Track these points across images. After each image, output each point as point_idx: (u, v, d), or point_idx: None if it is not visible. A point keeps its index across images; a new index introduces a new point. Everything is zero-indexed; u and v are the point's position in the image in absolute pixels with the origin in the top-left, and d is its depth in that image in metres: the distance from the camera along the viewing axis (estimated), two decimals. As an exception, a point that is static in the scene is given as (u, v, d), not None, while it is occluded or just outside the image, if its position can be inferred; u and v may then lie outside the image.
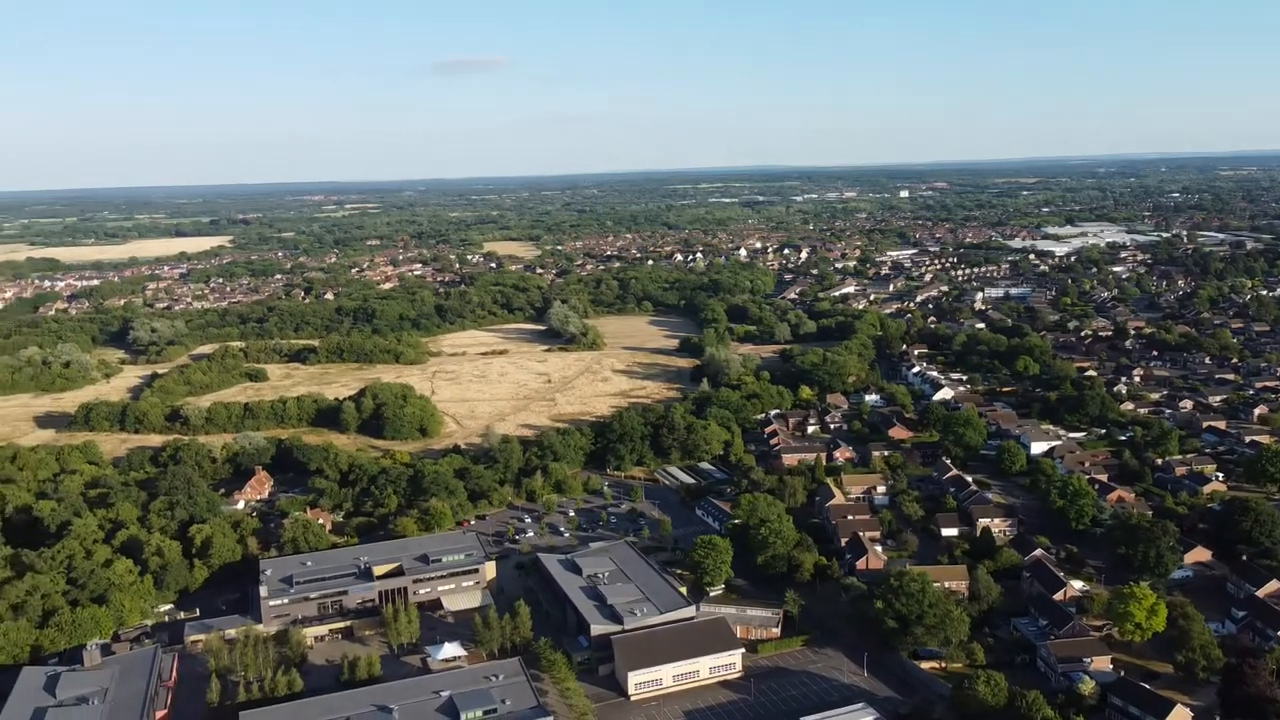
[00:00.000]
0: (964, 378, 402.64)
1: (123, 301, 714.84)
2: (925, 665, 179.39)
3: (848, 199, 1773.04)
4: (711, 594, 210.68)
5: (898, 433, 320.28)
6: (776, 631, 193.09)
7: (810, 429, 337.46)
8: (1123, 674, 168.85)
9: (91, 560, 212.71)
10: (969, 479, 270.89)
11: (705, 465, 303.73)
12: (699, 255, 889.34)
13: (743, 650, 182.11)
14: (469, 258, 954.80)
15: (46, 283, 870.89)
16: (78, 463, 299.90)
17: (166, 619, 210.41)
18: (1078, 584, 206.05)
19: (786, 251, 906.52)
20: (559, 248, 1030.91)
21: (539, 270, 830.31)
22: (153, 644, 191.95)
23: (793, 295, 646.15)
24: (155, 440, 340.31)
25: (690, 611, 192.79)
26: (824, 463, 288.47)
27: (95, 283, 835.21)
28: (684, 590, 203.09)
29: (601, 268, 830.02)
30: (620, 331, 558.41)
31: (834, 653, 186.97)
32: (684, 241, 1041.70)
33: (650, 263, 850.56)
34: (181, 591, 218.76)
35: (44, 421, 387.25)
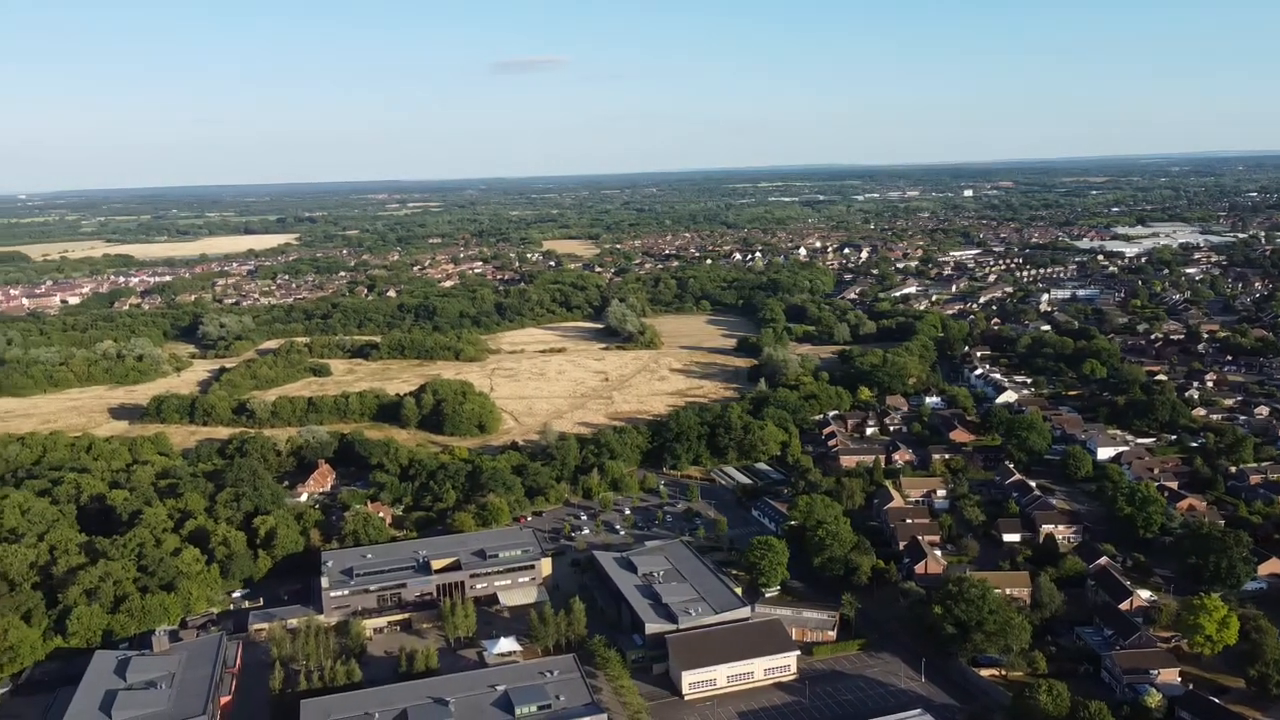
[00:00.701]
0: (1028, 381, 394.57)
1: (193, 297, 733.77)
2: (985, 673, 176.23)
3: (910, 198, 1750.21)
4: (767, 595, 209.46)
5: (959, 436, 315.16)
6: (832, 634, 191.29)
7: (869, 431, 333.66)
8: (1191, 687, 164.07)
9: (161, 548, 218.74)
10: (1032, 484, 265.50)
11: (762, 466, 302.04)
12: (758, 254, 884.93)
13: (798, 652, 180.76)
14: (528, 256, 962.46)
15: (121, 278, 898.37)
16: (149, 453, 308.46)
17: (231, 607, 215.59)
18: (1145, 594, 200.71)
19: (847, 251, 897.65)
20: (618, 246, 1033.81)
21: (597, 269, 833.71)
22: (218, 631, 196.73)
23: (852, 295, 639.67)
24: (223, 433, 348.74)
25: (745, 612, 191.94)
26: (883, 465, 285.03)
27: (167, 279, 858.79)
28: (739, 591, 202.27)
29: (660, 266, 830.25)
30: (678, 330, 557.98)
31: (891, 657, 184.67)
32: (743, 240, 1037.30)
33: (709, 262, 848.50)
34: (246, 581, 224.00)
35: (118, 413, 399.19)
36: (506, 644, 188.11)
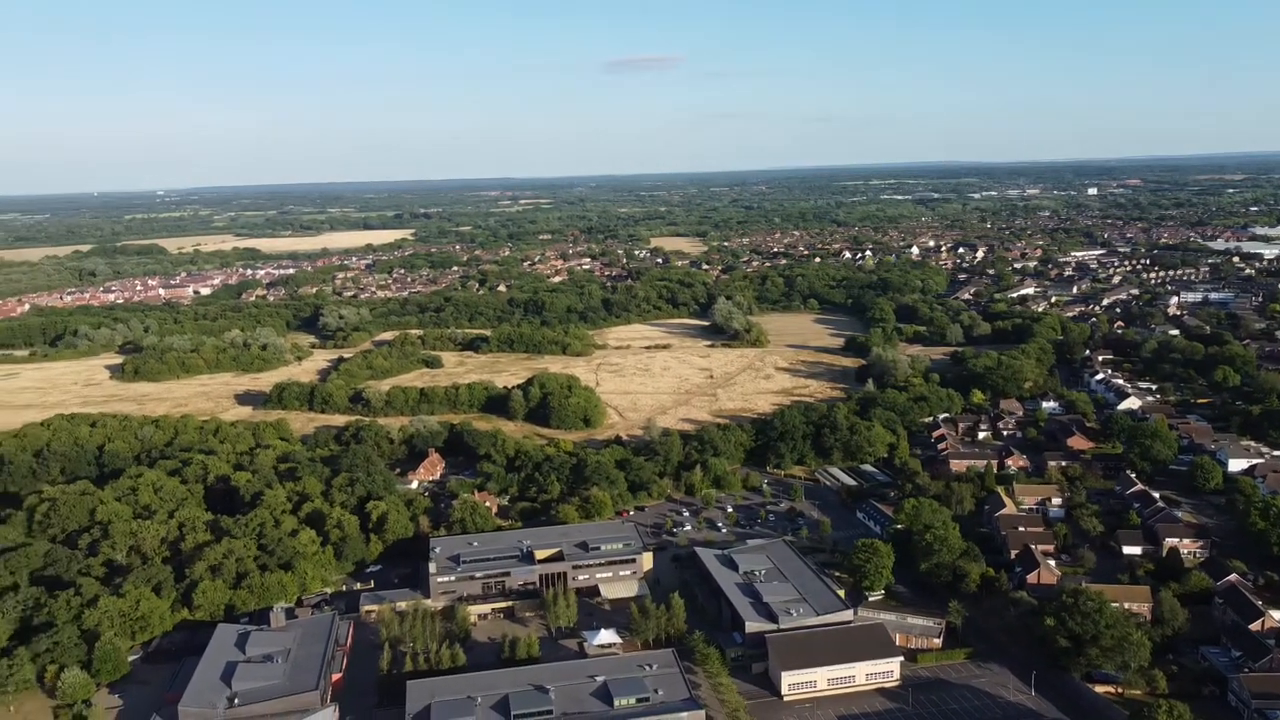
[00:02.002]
0: (1153, 387, 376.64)
1: (314, 290, 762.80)
2: (1099, 689, 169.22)
3: (1030, 196, 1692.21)
4: (870, 599, 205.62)
5: (1077, 443, 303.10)
6: (938, 642, 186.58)
7: (981, 435, 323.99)
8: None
9: (280, 529, 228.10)
10: (1156, 495, 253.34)
11: (868, 467, 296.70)
12: (868, 253, 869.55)
13: (901, 659, 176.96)
14: (636, 253, 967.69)
15: (249, 271, 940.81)
16: (270, 438, 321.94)
17: (344, 588, 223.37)
18: (1278, 614, 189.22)
19: (961, 250, 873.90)
20: (725, 244, 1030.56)
21: (705, 266, 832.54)
22: (331, 611, 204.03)
23: (966, 296, 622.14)
24: (339, 420, 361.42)
25: (848, 615, 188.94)
26: (995, 470, 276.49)
27: (291, 272, 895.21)
28: (842, 593, 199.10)
29: (767, 264, 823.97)
30: (784, 329, 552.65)
31: (999, 668, 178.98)
32: (853, 239, 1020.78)
33: (817, 260, 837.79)
34: (358, 563, 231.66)
35: (243, 399, 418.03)
36: (607, 636, 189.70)
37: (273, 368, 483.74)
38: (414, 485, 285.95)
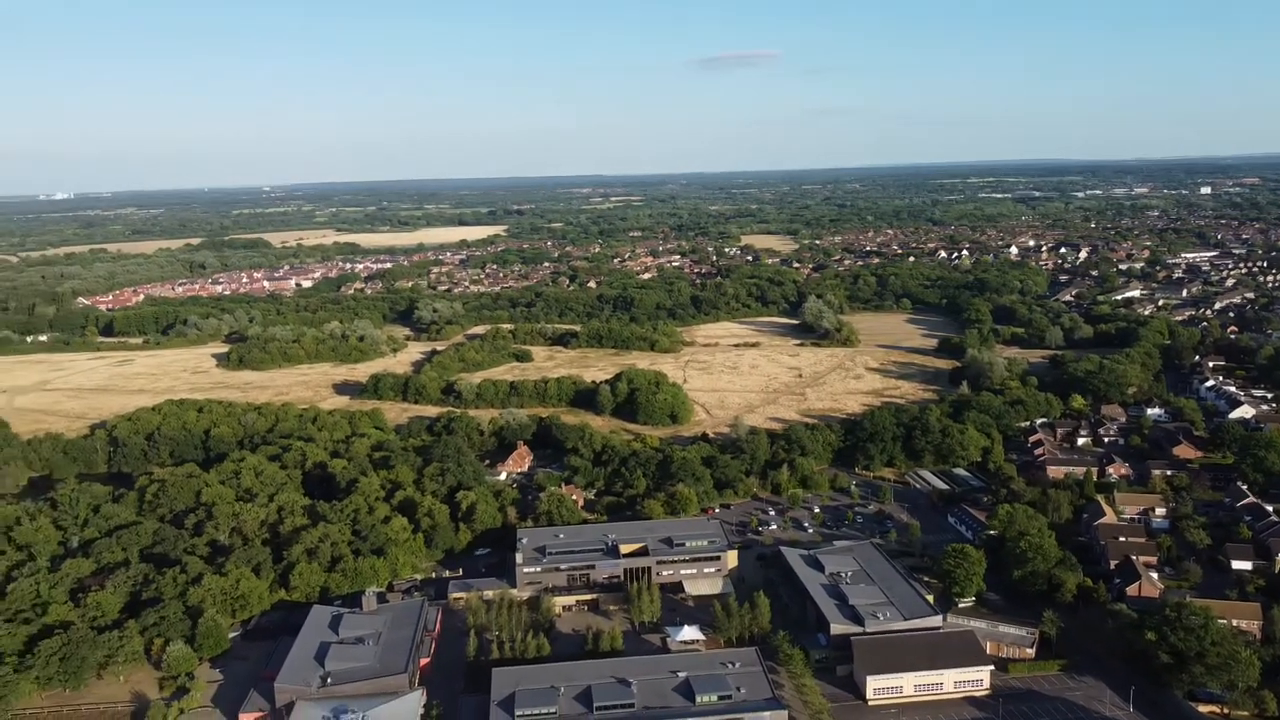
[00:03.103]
0: (1269, 395, 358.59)
1: (410, 283, 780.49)
2: (1204, 709, 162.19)
3: (1137, 195, 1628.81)
4: (960, 605, 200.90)
5: (1184, 451, 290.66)
6: (1031, 652, 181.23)
7: (1081, 441, 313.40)
8: None
9: (373, 516, 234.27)
10: (1269, 509, 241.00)
11: (960, 471, 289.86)
12: (965, 252, 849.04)
13: (992, 668, 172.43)
14: (726, 250, 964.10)
15: (348, 265, 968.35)
16: (366, 427, 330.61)
17: (433, 575, 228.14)
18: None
19: (1063, 251, 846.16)
20: (817, 242, 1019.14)
21: (795, 264, 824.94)
22: (421, 597, 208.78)
23: (1068, 297, 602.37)
24: (431, 411, 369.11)
25: (936, 621, 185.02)
26: (1094, 478, 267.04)
27: (388, 266, 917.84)
28: (930, 598, 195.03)
29: (860, 263, 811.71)
30: (876, 329, 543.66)
31: (1095, 682, 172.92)
32: (949, 238, 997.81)
33: (911, 259, 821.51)
34: (447, 551, 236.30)
35: (340, 388, 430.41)
36: (690, 632, 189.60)
37: (369, 359, 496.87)
38: (502, 476, 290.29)
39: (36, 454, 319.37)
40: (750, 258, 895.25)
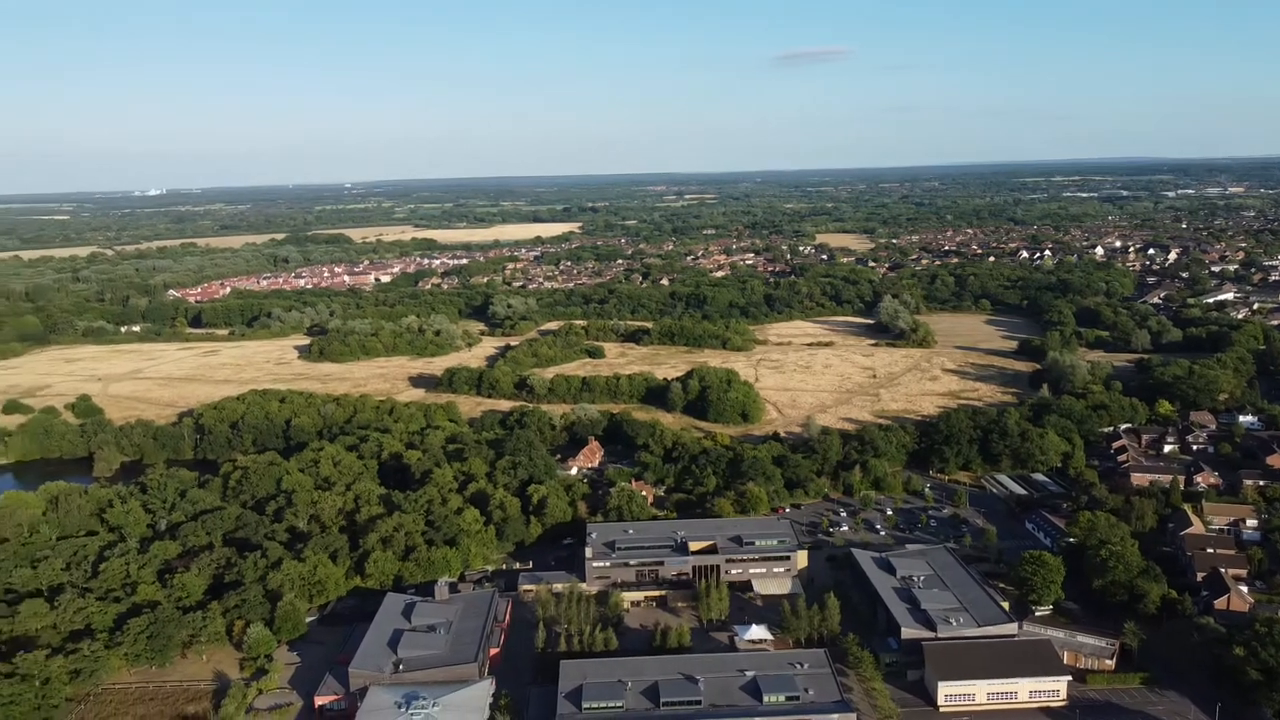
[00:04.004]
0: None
1: (485, 279, 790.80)
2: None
3: (1232, 194, 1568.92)
4: (1037, 614, 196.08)
5: (1278, 461, 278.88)
6: (1110, 664, 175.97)
7: (1167, 448, 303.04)
8: None
9: (446, 507, 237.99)
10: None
11: (1039, 476, 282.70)
12: (1047, 253, 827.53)
13: (1069, 678, 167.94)
14: (800, 249, 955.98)
15: (425, 260, 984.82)
16: (440, 420, 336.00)
17: (504, 567, 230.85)
18: None
19: (1151, 251, 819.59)
20: (893, 241, 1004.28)
21: (871, 263, 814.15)
22: (491, 588, 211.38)
23: (1155, 300, 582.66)
24: (504, 405, 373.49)
25: (1011, 628, 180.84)
26: (1181, 486, 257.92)
27: (464, 262, 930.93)
28: (1005, 605, 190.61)
29: (937, 263, 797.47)
30: (953, 330, 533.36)
31: (1178, 697, 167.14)
32: (1031, 238, 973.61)
33: (991, 259, 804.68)
34: (518, 544, 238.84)
35: (416, 381, 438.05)
36: (758, 631, 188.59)
37: (444, 353, 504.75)
38: (573, 471, 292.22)
39: (129, 440, 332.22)
40: (825, 256, 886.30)
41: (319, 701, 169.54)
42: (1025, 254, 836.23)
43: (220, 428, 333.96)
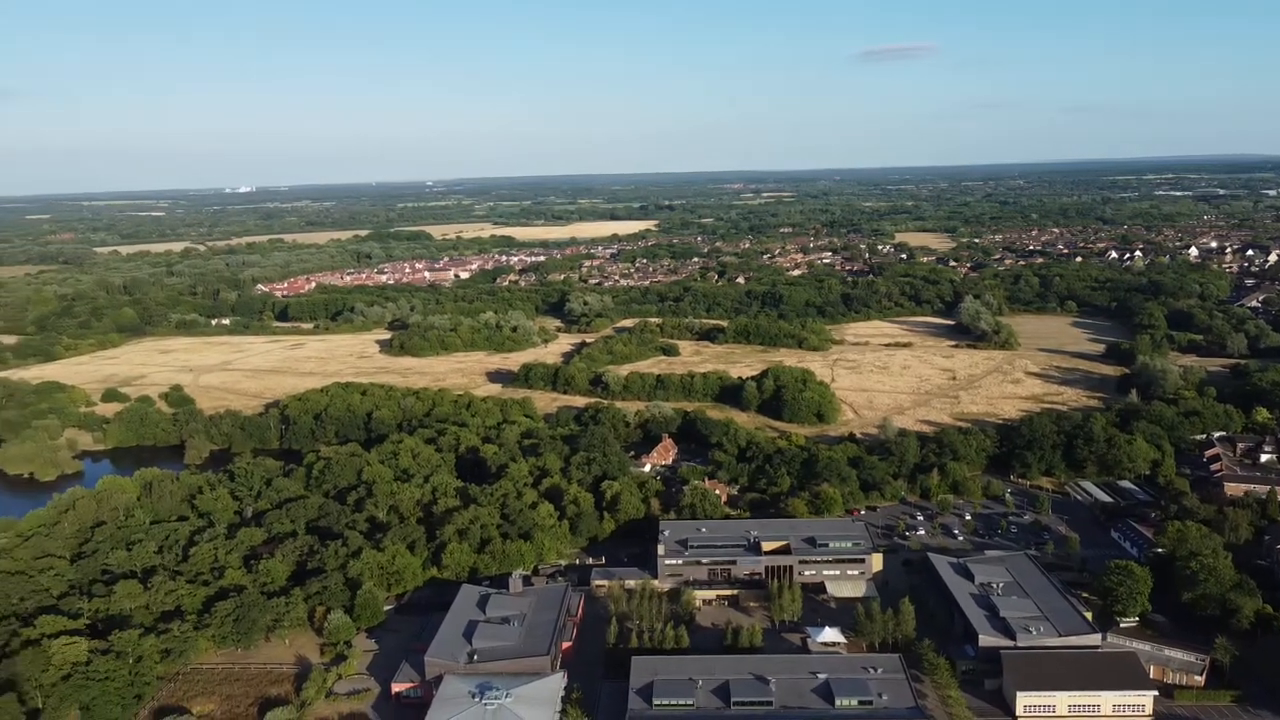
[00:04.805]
0: None
1: (562, 276, 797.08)
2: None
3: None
4: (1122, 625, 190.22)
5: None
6: (1200, 680, 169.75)
7: (1264, 457, 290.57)
8: None
9: (521, 501, 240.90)
10: None
11: (1126, 484, 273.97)
12: (1138, 253, 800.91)
13: (1155, 693, 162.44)
14: (879, 248, 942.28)
15: (503, 257, 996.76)
16: (516, 415, 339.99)
17: (576, 562, 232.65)
18: None
19: (1250, 253, 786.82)
20: (976, 240, 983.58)
21: (952, 263, 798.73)
22: (564, 582, 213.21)
23: (1254, 303, 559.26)
24: (579, 401, 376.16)
25: (1095, 639, 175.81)
26: (1279, 498, 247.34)
27: (541, 259, 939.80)
28: (1089, 615, 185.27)
29: (1021, 263, 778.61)
30: (1037, 332, 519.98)
31: (1273, 717, 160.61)
32: (1120, 238, 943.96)
33: (1078, 260, 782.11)
34: (591, 539, 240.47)
35: (493, 376, 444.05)
36: (831, 634, 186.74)
37: (521, 349, 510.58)
38: (647, 468, 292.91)
39: (218, 429, 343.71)
40: (904, 256, 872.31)
41: (396, 688, 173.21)
42: (1114, 254, 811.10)
43: (304, 419, 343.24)
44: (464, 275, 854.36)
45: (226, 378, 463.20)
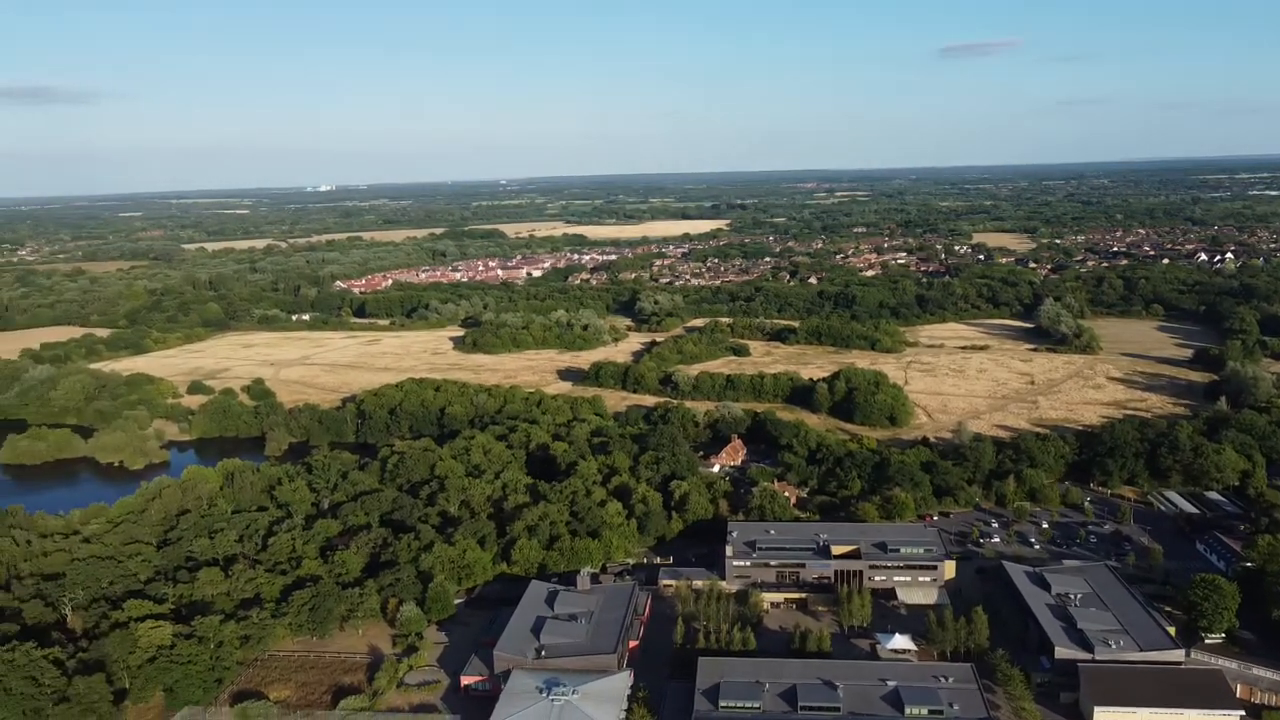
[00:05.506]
0: None
1: (633, 275, 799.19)
2: None
3: None
4: (1207, 641, 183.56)
5: None
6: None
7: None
8: None
9: (590, 499, 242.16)
10: None
11: (1213, 495, 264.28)
12: (1229, 255, 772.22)
13: (1242, 713, 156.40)
14: (956, 248, 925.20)
15: (575, 256, 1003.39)
16: (586, 413, 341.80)
17: (644, 561, 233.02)
18: None
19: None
20: (1057, 241, 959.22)
21: (1032, 264, 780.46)
22: (632, 580, 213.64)
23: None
24: (649, 400, 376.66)
25: (1178, 655, 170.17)
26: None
27: (612, 258, 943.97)
28: (1172, 630, 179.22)
29: (1105, 264, 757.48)
30: (1121, 336, 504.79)
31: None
32: (1211, 239, 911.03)
33: (1165, 261, 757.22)
34: (659, 538, 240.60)
35: (564, 374, 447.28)
36: (901, 641, 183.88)
37: (591, 347, 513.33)
38: (715, 469, 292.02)
39: (297, 422, 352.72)
40: (982, 256, 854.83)
41: (465, 681, 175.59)
42: (1204, 256, 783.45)
43: (379, 413, 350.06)
44: (536, 273, 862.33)
45: (305, 372, 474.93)
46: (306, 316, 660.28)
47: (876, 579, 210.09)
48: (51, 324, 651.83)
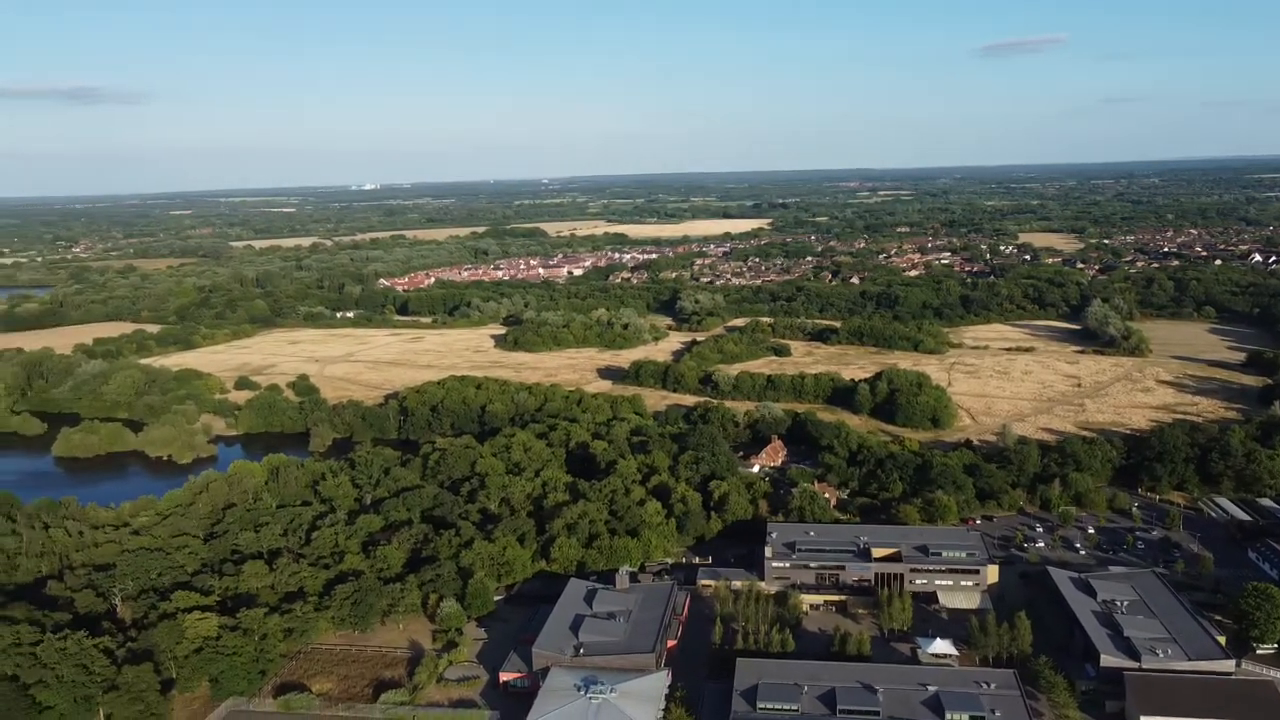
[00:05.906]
0: None
1: (674, 274, 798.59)
2: None
3: None
4: (1259, 651, 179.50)
5: None
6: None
7: None
8: None
9: (629, 498, 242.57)
10: None
11: (1266, 502, 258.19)
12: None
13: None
14: (1001, 248, 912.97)
15: (616, 254, 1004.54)
16: (626, 412, 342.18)
17: (683, 560, 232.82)
18: None
19: None
20: (1105, 242, 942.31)
21: (1079, 265, 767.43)
22: (670, 580, 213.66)
23: None
24: (688, 400, 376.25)
25: (1228, 666, 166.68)
26: None
27: (653, 256, 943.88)
28: (1222, 640, 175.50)
29: (1155, 265, 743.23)
30: (1170, 338, 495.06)
31: None
32: (1266, 239, 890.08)
33: (1218, 262, 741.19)
34: (698, 538, 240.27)
35: (604, 373, 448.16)
36: (942, 645, 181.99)
37: (632, 346, 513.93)
38: (755, 469, 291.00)
39: (340, 418, 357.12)
40: (1028, 256, 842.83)
41: (504, 677, 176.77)
42: (1258, 257, 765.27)
43: (421, 410, 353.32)
44: (577, 272, 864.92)
45: (349, 369, 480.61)
46: (351, 314, 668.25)
47: (918, 582, 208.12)
48: (104, 319, 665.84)
